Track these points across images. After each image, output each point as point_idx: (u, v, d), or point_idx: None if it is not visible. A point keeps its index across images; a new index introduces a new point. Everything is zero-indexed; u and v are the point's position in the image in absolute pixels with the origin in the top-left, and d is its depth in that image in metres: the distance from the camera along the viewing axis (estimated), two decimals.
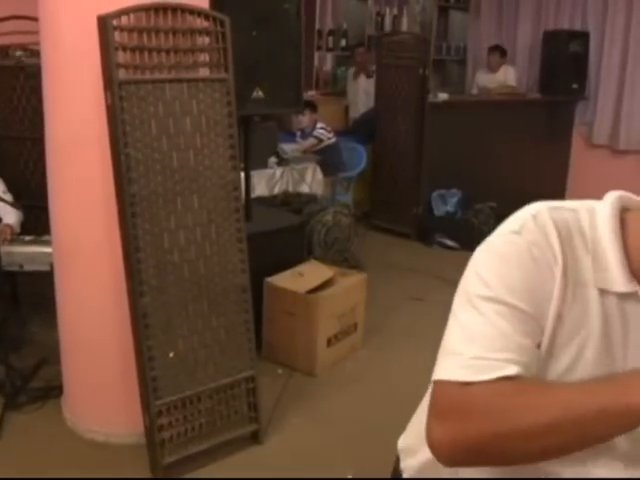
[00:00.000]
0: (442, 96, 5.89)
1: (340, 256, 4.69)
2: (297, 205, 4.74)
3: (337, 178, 5.66)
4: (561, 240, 0.92)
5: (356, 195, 6.00)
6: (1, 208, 3.38)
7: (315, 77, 7.14)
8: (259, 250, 2.89)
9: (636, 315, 0.94)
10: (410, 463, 1.20)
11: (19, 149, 3.75)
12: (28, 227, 3.44)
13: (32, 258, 3.12)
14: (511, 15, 7.31)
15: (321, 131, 5.60)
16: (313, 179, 5.14)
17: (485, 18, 7.57)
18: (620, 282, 0.92)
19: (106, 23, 2.26)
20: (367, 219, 5.99)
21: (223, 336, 2.62)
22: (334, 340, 3.49)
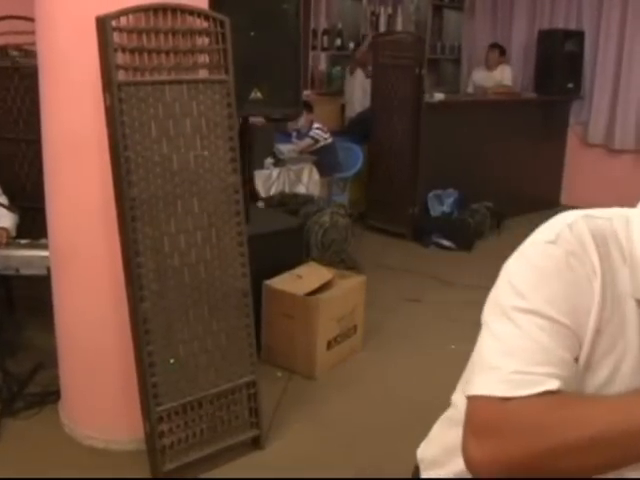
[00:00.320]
0: (438, 96, 5.87)
1: (337, 257, 4.66)
2: (294, 206, 4.71)
3: (333, 178, 5.63)
4: (599, 251, 0.90)
5: (352, 195, 5.98)
6: None
7: (310, 77, 7.11)
8: (257, 252, 2.86)
9: None
10: (438, 474, 1.17)
11: (13, 150, 3.69)
12: (23, 229, 3.38)
13: (28, 262, 3.07)
14: (506, 14, 7.28)
15: (317, 131, 5.58)
16: (310, 180, 5.12)
17: (480, 17, 7.54)
18: None
19: (105, 24, 2.22)
20: (363, 219, 5.95)
21: (224, 341, 2.59)
22: (334, 343, 3.46)
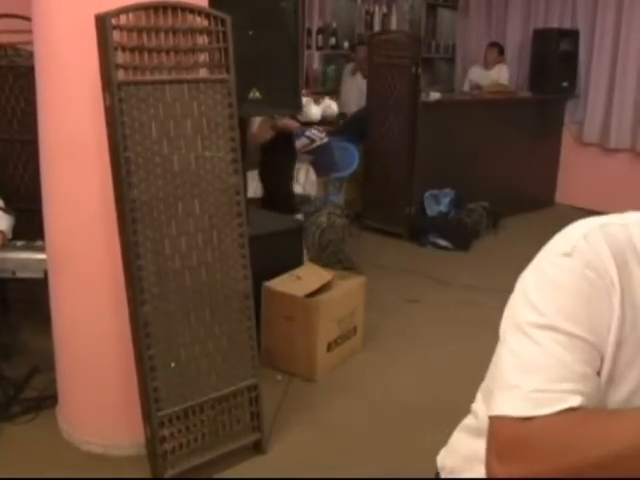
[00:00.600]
0: (434, 95, 5.84)
1: (334, 258, 4.64)
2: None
3: (329, 178, 5.59)
4: (616, 262, 0.88)
5: (348, 195, 5.94)
6: None
7: (305, 76, 7.07)
8: (256, 254, 2.82)
9: None
10: None
11: (8, 151, 3.64)
12: (18, 231, 3.33)
13: (25, 265, 3.02)
14: (500, 13, 7.27)
15: (313, 131, 5.53)
16: (306, 180, 5.09)
17: (474, 16, 7.53)
18: None
19: (105, 22, 2.18)
20: (359, 219, 5.92)
21: (225, 344, 2.55)
22: (334, 345, 3.42)
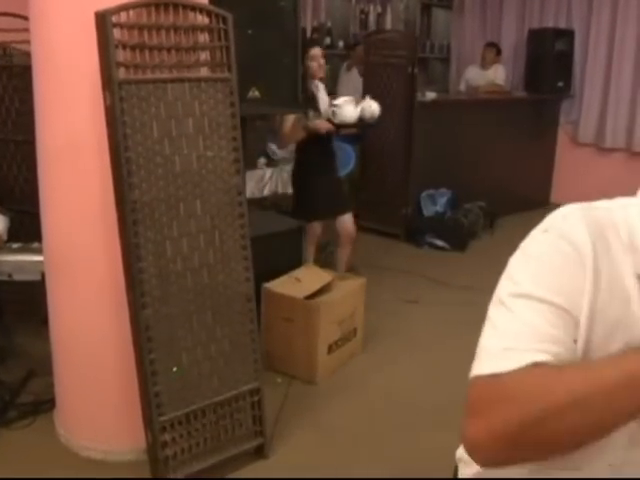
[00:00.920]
0: (430, 95, 5.81)
1: (332, 258, 4.61)
2: (287, 207, 4.64)
3: None
4: (590, 233, 0.90)
5: None
6: None
7: None
8: (255, 255, 2.78)
9: None
10: (466, 472, 1.18)
11: (2, 152, 3.60)
12: (13, 233, 3.28)
13: (21, 267, 2.97)
14: (495, 13, 7.26)
15: None
16: None
17: (469, 16, 7.51)
18: None
19: (105, 19, 2.13)
20: (355, 220, 5.87)
21: (227, 347, 2.51)
22: (334, 347, 3.39)
